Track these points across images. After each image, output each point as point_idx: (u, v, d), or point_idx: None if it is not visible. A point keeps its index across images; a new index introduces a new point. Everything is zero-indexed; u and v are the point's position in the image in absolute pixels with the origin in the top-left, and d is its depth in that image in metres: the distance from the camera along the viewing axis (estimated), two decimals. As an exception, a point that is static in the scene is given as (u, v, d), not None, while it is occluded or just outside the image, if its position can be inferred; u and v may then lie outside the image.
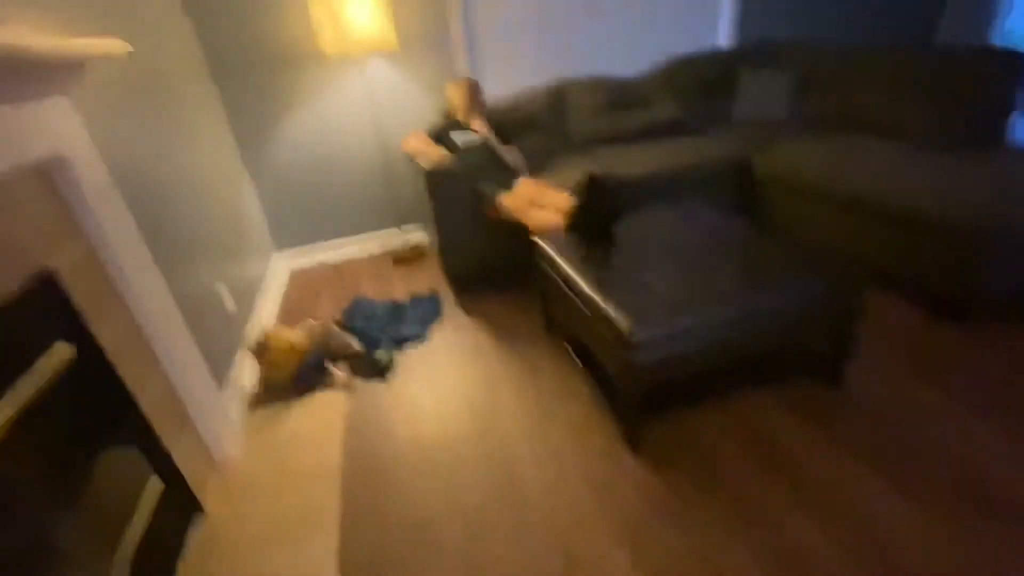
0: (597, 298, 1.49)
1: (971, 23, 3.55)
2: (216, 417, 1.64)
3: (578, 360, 1.93)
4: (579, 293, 1.59)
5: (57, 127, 1.17)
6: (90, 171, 1.26)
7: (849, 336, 1.57)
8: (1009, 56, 2.16)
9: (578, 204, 1.93)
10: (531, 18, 3.00)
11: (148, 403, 1.36)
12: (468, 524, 1.37)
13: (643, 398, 1.46)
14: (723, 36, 3.34)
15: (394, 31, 2.56)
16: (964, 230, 1.72)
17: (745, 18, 3.30)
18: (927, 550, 1.15)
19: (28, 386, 0.99)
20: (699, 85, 3.11)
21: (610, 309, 1.41)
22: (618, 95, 3.02)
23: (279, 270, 3.02)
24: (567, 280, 1.69)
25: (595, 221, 1.85)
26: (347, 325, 2.31)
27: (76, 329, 1.16)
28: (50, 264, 1.12)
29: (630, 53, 3.24)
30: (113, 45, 1.28)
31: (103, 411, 1.21)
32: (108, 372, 1.23)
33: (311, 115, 2.86)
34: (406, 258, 3.04)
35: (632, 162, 2.62)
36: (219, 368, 1.87)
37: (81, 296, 1.19)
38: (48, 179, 1.18)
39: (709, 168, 2.61)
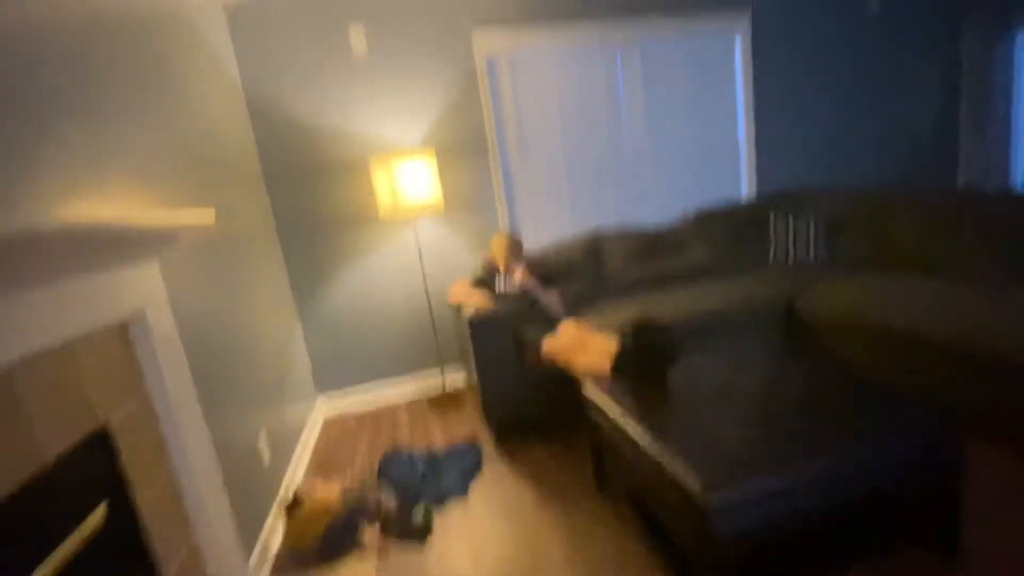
0: (659, 451, 1.36)
1: (987, 168, 3.71)
2: (238, 591, 1.48)
3: (639, 524, 1.72)
4: (636, 445, 1.47)
5: (144, 288, 1.27)
6: (163, 326, 1.33)
7: (957, 494, 1.36)
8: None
9: (626, 346, 1.89)
10: (564, 175, 3.31)
11: (174, 573, 1.24)
12: None
13: (722, 568, 1.24)
14: (744, 185, 3.58)
15: (442, 195, 2.85)
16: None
17: (763, 170, 3.56)
18: None
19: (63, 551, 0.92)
20: (729, 232, 3.24)
21: (676, 464, 1.28)
22: (651, 243, 3.16)
23: (319, 417, 2.98)
24: (621, 430, 1.58)
25: (646, 364, 1.79)
26: (382, 478, 2.17)
27: (115, 488, 1.11)
28: (110, 420, 1.12)
29: (657, 205, 3.48)
30: (203, 216, 1.44)
31: (124, 585, 1.10)
32: (137, 538, 1.15)
33: (363, 268, 3.08)
34: (444, 403, 2.97)
35: (671, 305, 2.63)
36: (249, 529, 1.75)
37: (128, 453, 1.16)
38: (125, 335, 1.24)
39: (753, 310, 2.59)
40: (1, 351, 0.82)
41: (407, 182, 2.67)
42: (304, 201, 2.94)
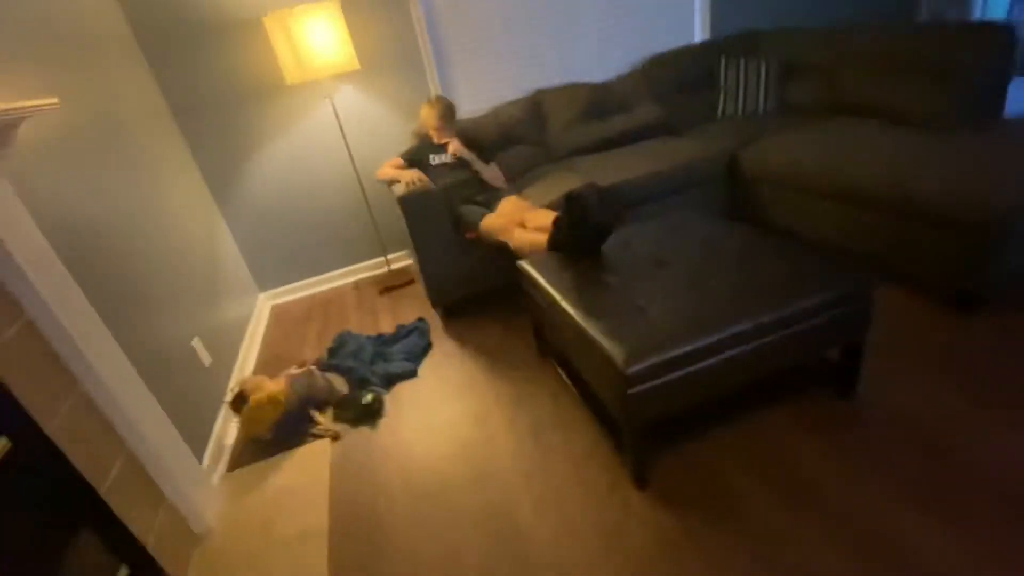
0: (587, 326, 1.38)
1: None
2: (194, 488, 1.53)
3: (574, 387, 1.82)
4: (568, 320, 1.48)
5: (-19, 200, 1.07)
6: (28, 246, 1.16)
7: (861, 343, 1.46)
8: (1000, 29, 2.07)
9: (559, 222, 1.83)
10: (498, 28, 2.91)
11: (110, 488, 1.25)
12: (468, 587, 1.26)
13: (646, 430, 1.35)
14: (698, 32, 3.25)
15: (354, 52, 2.47)
16: (973, 216, 1.61)
17: (718, 11, 3.21)
18: (973, 583, 1.04)
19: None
20: (678, 83, 3.02)
21: (602, 339, 1.30)
22: (596, 101, 2.93)
23: (263, 311, 2.92)
24: (555, 305, 1.58)
25: (579, 239, 1.75)
26: (332, 365, 2.20)
27: (15, 419, 1.05)
28: (-21, 352, 1.01)
29: (604, 57, 3.15)
30: (44, 104, 1.18)
31: (54, 507, 1.10)
32: (56, 462, 1.12)
33: (282, 149, 2.77)
34: (392, 285, 2.93)
35: (616, 169, 2.52)
36: (198, 430, 1.77)
37: (19, 382, 1.08)
38: (-25, 257, 1.07)
39: (695, 170, 2.51)
40: None
41: (311, 39, 2.28)
42: (196, 72, 2.52)
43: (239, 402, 1.85)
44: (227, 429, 1.96)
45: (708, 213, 1.91)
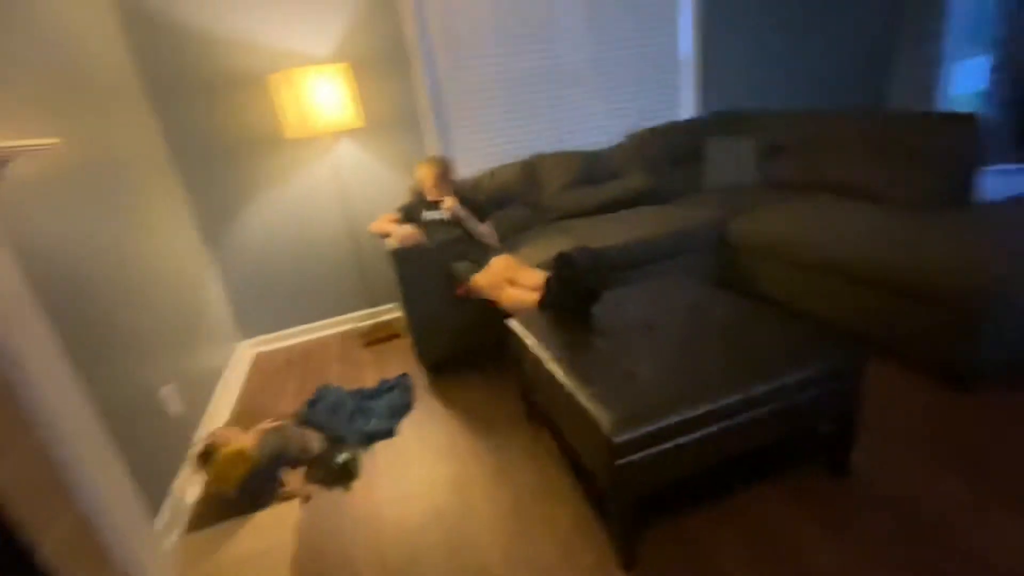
0: (575, 390, 1.34)
1: (916, 90, 3.74)
2: (145, 552, 1.41)
3: (561, 454, 1.75)
4: (556, 382, 1.45)
5: (-41, 235, 1.05)
6: (1, 282, 1.13)
7: (853, 419, 1.44)
8: (968, 119, 2.21)
9: (550, 281, 1.83)
10: (498, 96, 3.06)
11: (52, 550, 1.14)
12: None
13: (635, 504, 1.28)
14: (687, 108, 3.45)
15: (360, 111, 2.56)
16: (958, 292, 1.64)
17: (706, 92, 3.42)
18: None
19: None
20: (667, 155, 3.16)
21: (591, 405, 1.26)
22: (589, 168, 3.04)
23: (242, 360, 2.83)
24: (542, 367, 1.55)
25: (569, 299, 1.74)
26: (309, 419, 2.11)
27: (-45, 470, 0.97)
28: (-73, 394, 0.95)
29: (598, 127, 3.31)
30: (41, 144, 1.19)
31: (-17, 569, 0.99)
32: (-5, 518, 1.03)
33: (278, 198, 2.80)
34: (378, 338, 2.88)
35: (607, 233, 2.57)
36: (156, 487, 1.65)
37: (-34, 428, 1.01)
38: (-59, 293, 1.03)
39: (685, 237, 2.57)
40: None
41: (316, 98, 2.37)
42: (200, 122, 2.58)
43: (206, 457, 1.74)
44: (187, 486, 1.84)
45: (697, 280, 1.93)
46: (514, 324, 1.81)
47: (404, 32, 2.75)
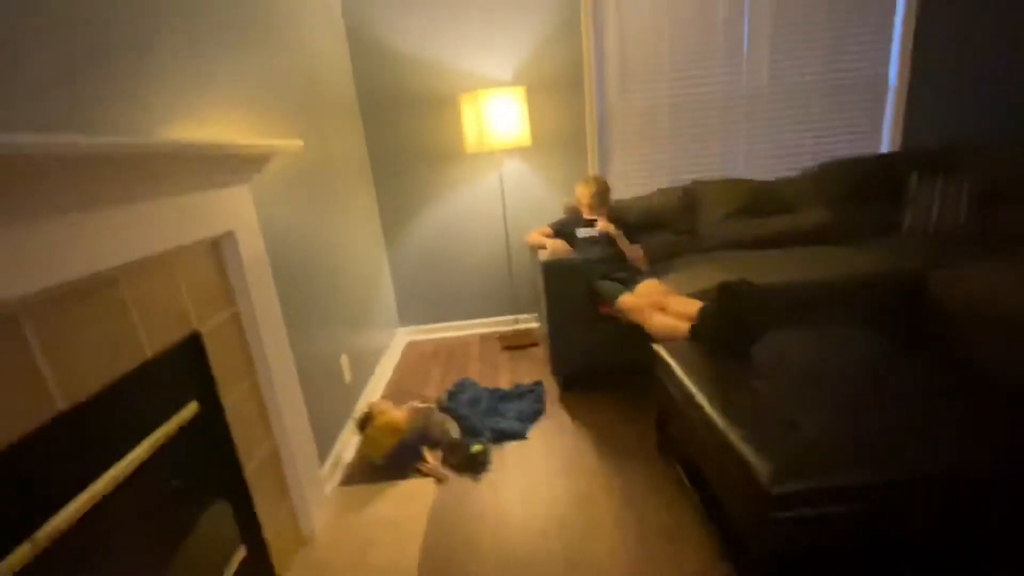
0: (727, 430, 1.26)
1: None
2: (312, 492, 1.65)
3: (697, 497, 1.64)
4: (704, 419, 1.37)
5: (235, 209, 1.36)
6: (252, 246, 1.43)
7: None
8: None
9: (707, 311, 1.74)
10: (663, 121, 3.01)
11: (253, 470, 1.40)
12: None
13: (779, 563, 1.15)
14: (887, 141, 3.03)
15: (529, 132, 2.73)
16: None
17: (909, 122, 2.97)
18: None
19: (156, 436, 1.06)
20: (853, 192, 2.80)
21: (744, 448, 1.17)
22: (756, 198, 2.83)
23: (399, 345, 3.17)
24: (690, 400, 1.48)
25: (726, 334, 1.64)
26: (449, 408, 2.28)
27: (205, 388, 1.25)
28: (201, 328, 1.24)
29: (772, 159, 3.07)
30: (291, 145, 1.49)
31: (211, 472, 1.26)
32: (223, 434, 1.30)
33: (448, 204, 3.10)
34: (516, 344, 3.00)
35: (771, 269, 2.36)
36: (325, 438, 1.92)
37: (217, 359, 1.29)
38: (217, 252, 1.34)
39: (868, 285, 2.25)
40: (105, 257, 0.91)
41: (495, 117, 2.58)
42: (396, 134, 2.98)
43: (365, 422, 1.98)
44: (347, 445, 2.10)
45: (880, 336, 1.68)
46: (661, 350, 1.75)
47: (580, 58, 2.87)
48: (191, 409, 1.18)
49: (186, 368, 1.19)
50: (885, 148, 3.03)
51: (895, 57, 2.90)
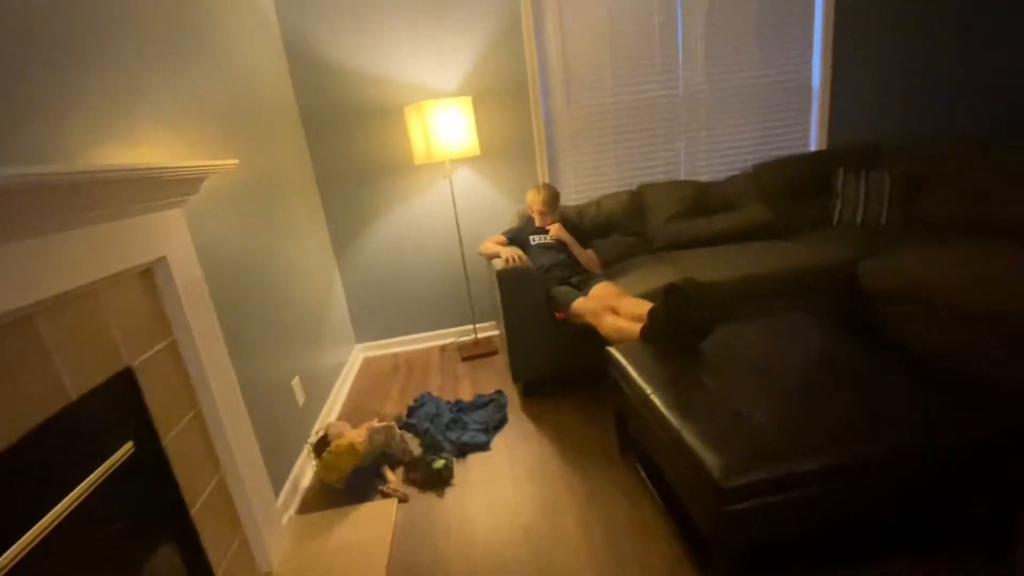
0: (681, 428, 1.29)
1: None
2: (267, 524, 1.58)
3: (657, 493, 1.67)
4: (658, 418, 1.40)
5: (168, 234, 1.29)
6: (187, 271, 1.36)
7: (1019, 502, 1.22)
8: None
9: (656, 312, 1.79)
10: (609, 127, 3.09)
11: (200, 507, 1.32)
12: None
13: (741, 554, 1.19)
14: (815, 140, 3.22)
15: (478, 141, 2.74)
16: None
17: (834, 123, 3.18)
18: None
19: (89, 482, 0.99)
20: (790, 188, 2.96)
21: (697, 445, 1.21)
22: (700, 199, 2.94)
23: (356, 361, 3.09)
24: (644, 400, 1.51)
25: (676, 333, 1.69)
26: (409, 424, 2.24)
27: (141, 426, 1.17)
28: (133, 363, 1.16)
29: (712, 159, 3.20)
30: (226, 164, 1.43)
31: (154, 513, 1.18)
32: (164, 472, 1.22)
33: (399, 217, 3.06)
34: (476, 354, 2.99)
35: (716, 266, 2.46)
36: (279, 466, 1.85)
37: (153, 393, 1.22)
38: (150, 280, 1.27)
39: (806, 276, 2.38)
40: (22, 293, 0.84)
41: (442, 128, 2.57)
42: (341, 148, 2.92)
43: (321, 445, 1.92)
44: (304, 471, 2.02)
45: (817, 322, 1.78)
46: (615, 353, 1.79)
47: (524, 67, 2.90)
48: (126, 450, 1.11)
49: (118, 406, 1.12)
50: (813, 147, 3.22)
51: (817, 62, 3.10)
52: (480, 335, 3.29)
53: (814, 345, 1.61)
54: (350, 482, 1.88)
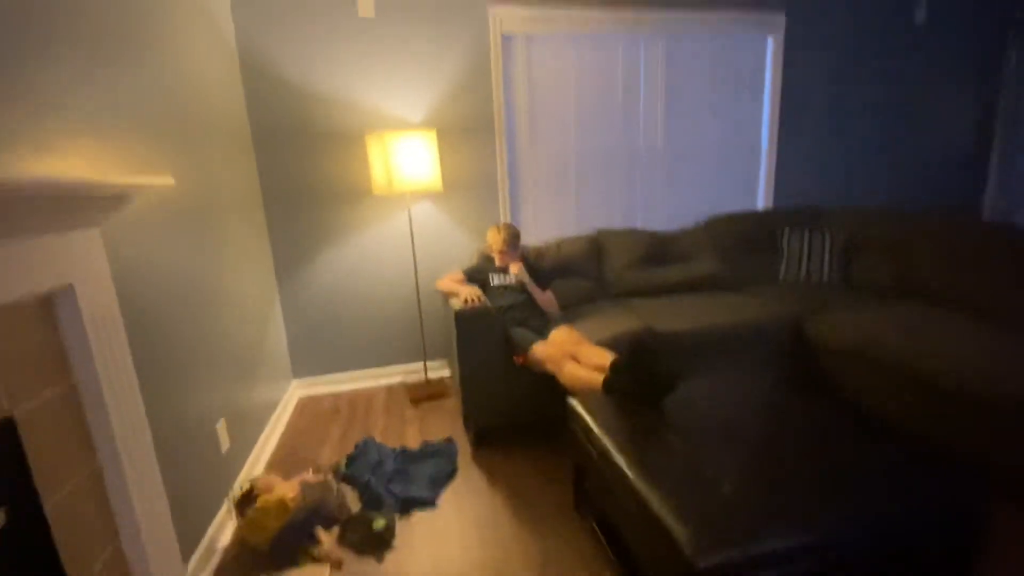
0: (647, 493, 1.22)
1: (1017, 202, 3.53)
2: (169, 598, 1.34)
3: (614, 557, 1.58)
4: (621, 477, 1.32)
5: (77, 258, 1.11)
6: (99, 301, 1.17)
7: (971, 554, 1.22)
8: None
9: (619, 364, 1.74)
10: (571, 170, 3.12)
11: (86, 584, 1.10)
12: None
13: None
14: (762, 199, 3.40)
15: (440, 176, 2.67)
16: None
17: (778, 183, 3.38)
18: None
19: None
20: (740, 243, 3.08)
21: (666, 514, 1.13)
22: (656, 248, 2.99)
23: (291, 400, 2.84)
24: (606, 456, 1.43)
25: (639, 388, 1.64)
26: (349, 475, 2.04)
27: (18, 489, 0.96)
28: (16, 412, 0.96)
29: (667, 209, 3.30)
30: (158, 182, 1.27)
31: (20, 601, 0.96)
32: (43, 544, 1.00)
33: (351, 248, 2.90)
34: (425, 396, 2.83)
35: (673, 315, 2.47)
36: (194, 523, 1.61)
37: (38, 449, 1.01)
38: (49, 311, 1.08)
39: (758, 329, 2.43)
40: None
41: (404, 160, 2.49)
42: (294, 170, 2.76)
43: (246, 501, 1.69)
44: (223, 529, 1.78)
45: (771, 377, 1.79)
46: (576, 404, 1.71)
47: (491, 106, 2.90)
48: (-6, 521, 0.90)
49: (-11, 466, 0.91)
50: (760, 204, 3.39)
51: (765, 129, 3.31)
52: (431, 374, 3.13)
53: (770, 403, 1.61)
54: (277, 544, 1.66)
